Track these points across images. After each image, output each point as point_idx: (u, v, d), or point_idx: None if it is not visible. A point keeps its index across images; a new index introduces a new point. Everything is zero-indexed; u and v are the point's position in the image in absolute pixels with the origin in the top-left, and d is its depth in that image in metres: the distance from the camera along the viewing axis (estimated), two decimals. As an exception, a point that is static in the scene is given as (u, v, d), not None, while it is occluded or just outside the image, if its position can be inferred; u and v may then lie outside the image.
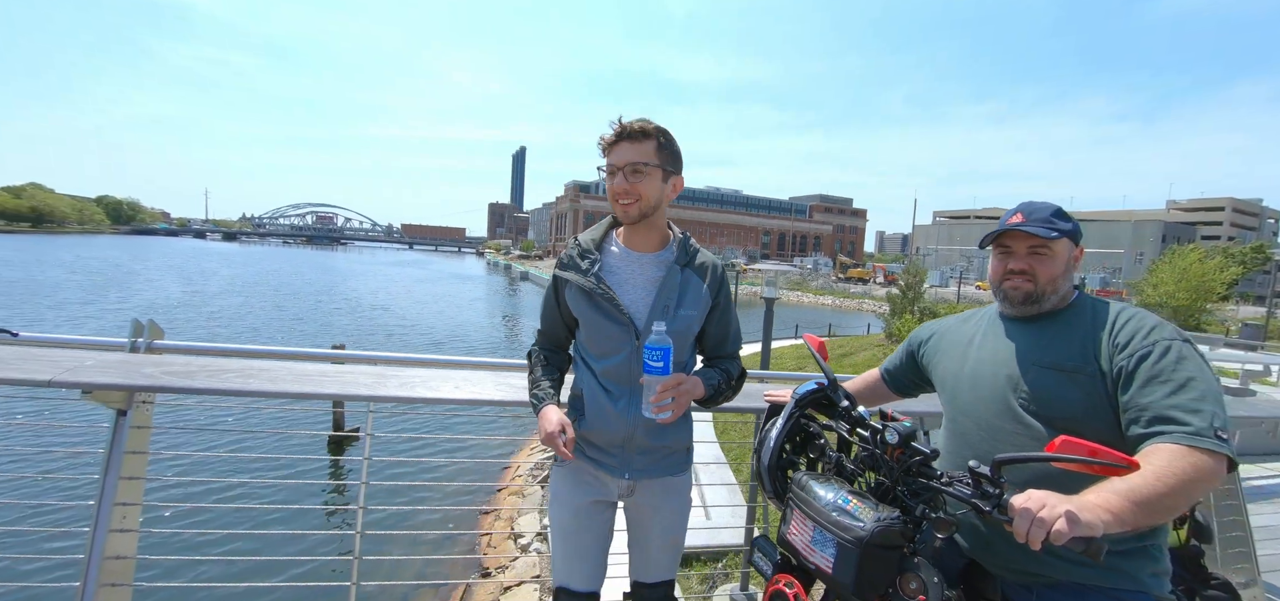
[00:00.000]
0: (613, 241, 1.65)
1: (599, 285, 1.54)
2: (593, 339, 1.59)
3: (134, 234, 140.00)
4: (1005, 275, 1.47)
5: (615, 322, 1.55)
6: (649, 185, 1.53)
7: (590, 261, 1.58)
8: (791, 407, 1.52)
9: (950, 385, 1.56)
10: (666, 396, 1.47)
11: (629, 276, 1.59)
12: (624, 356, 1.55)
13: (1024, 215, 1.45)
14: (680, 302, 1.58)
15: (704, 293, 1.62)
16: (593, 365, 1.60)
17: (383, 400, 1.80)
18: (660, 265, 1.61)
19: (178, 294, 31.42)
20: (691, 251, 1.65)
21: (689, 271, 1.62)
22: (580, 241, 1.62)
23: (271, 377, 1.78)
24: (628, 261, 1.61)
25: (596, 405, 1.58)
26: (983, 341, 1.53)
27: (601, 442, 1.60)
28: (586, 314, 1.57)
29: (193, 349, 2.05)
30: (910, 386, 1.80)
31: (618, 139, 1.52)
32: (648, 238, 1.62)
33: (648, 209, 1.55)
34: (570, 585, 1.63)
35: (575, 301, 1.58)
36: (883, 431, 1.27)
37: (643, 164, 1.51)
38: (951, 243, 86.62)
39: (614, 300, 1.54)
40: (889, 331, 19.55)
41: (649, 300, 1.57)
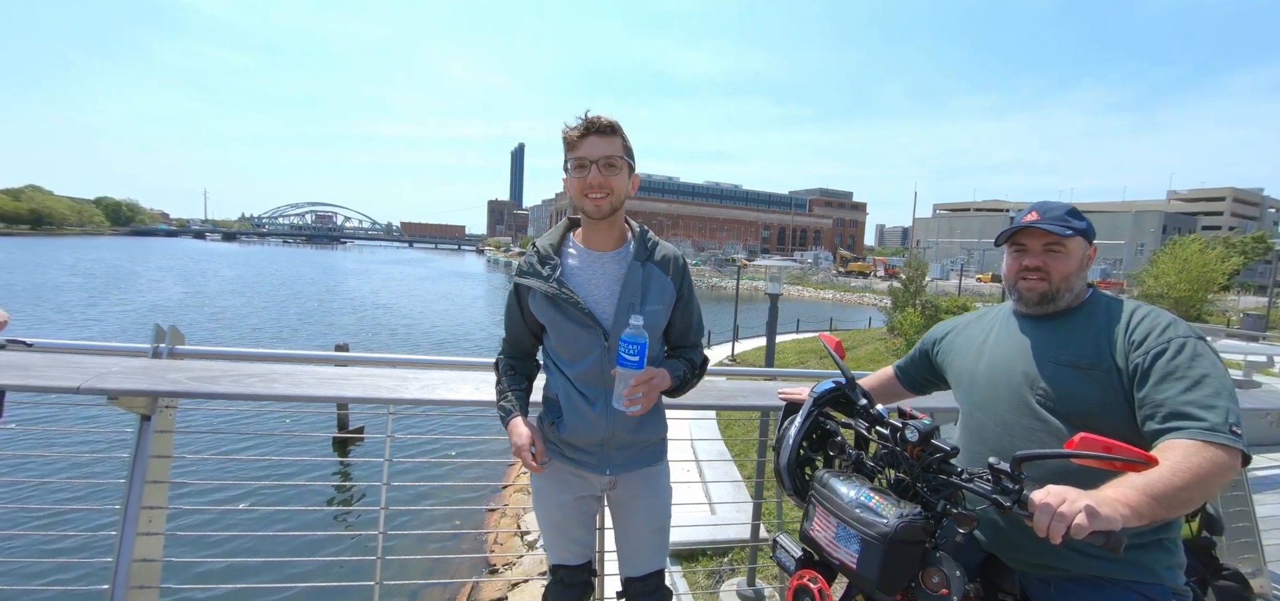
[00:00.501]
0: (570, 243, 1.64)
1: (562, 290, 1.53)
2: (561, 344, 1.58)
3: (133, 235, 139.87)
4: (1020, 273, 1.50)
5: (582, 326, 1.54)
6: (620, 180, 1.53)
7: (551, 267, 1.56)
8: (810, 406, 1.54)
9: (966, 382, 1.58)
10: (638, 390, 1.49)
11: (591, 277, 1.58)
12: (594, 358, 1.55)
13: (1039, 213, 1.47)
14: (645, 298, 1.58)
15: (668, 286, 1.62)
16: (565, 369, 1.60)
17: (405, 403, 1.83)
18: (621, 262, 1.60)
19: (179, 295, 31.47)
20: (650, 245, 1.64)
21: (650, 266, 1.61)
22: (537, 247, 1.61)
23: (294, 382, 1.80)
24: (588, 262, 1.60)
25: (573, 409, 1.58)
26: (998, 339, 1.55)
27: (580, 443, 1.61)
28: (553, 320, 1.56)
29: (215, 353, 2.08)
30: (924, 383, 1.83)
31: (587, 132, 1.50)
32: (608, 235, 1.60)
33: (618, 204, 1.55)
34: (565, 561, 1.70)
35: (540, 308, 1.57)
36: (903, 429, 1.30)
37: (615, 157, 1.51)
38: (952, 235, 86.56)
39: (578, 303, 1.53)
40: (891, 325, 19.59)
41: (614, 299, 1.57)
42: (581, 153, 1.50)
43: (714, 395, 2.08)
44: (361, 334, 22.32)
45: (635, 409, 1.50)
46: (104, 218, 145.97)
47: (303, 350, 18.72)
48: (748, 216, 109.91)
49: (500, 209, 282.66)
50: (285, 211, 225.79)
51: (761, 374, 2.60)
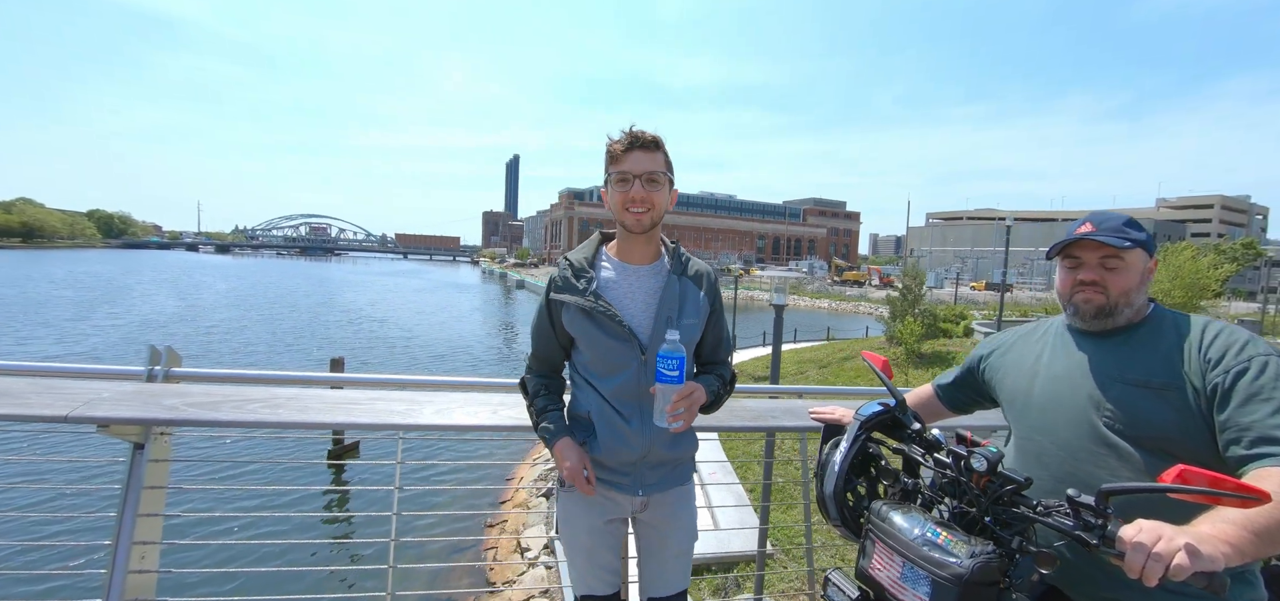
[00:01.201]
0: (603, 257, 1.62)
1: (599, 303, 1.51)
2: (597, 358, 1.55)
3: (125, 247, 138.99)
4: (1075, 287, 1.41)
5: (619, 340, 1.52)
6: (661, 195, 1.53)
7: (587, 280, 1.54)
8: (856, 430, 1.44)
9: (1020, 402, 1.48)
10: (680, 405, 1.45)
11: (627, 291, 1.56)
12: (631, 373, 1.52)
13: (1093, 224, 1.39)
14: (681, 312, 1.56)
15: (702, 301, 1.61)
16: (598, 385, 1.56)
17: (418, 429, 1.71)
18: (657, 276, 1.59)
19: (172, 309, 31.12)
20: (684, 260, 1.64)
21: (685, 280, 1.61)
22: (571, 260, 1.58)
23: (300, 407, 1.68)
24: (624, 276, 1.58)
25: (609, 428, 1.54)
26: (1053, 356, 1.46)
27: (615, 463, 1.57)
28: (588, 334, 1.53)
29: (214, 376, 1.95)
30: (968, 403, 1.73)
31: (631, 146, 1.50)
32: (645, 250, 1.59)
33: (658, 218, 1.55)
34: (594, 591, 1.64)
35: (574, 323, 1.54)
36: (968, 457, 1.20)
37: (659, 173, 1.51)
38: (945, 244, 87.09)
39: (616, 317, 1.50)
40: (890, 334, 19.53)
41: (650, 313, 1.55)
42: (625, 167, 1.50)
43: (746, 416, 1.97)
44: (358, 348, 22.07)
45: (678, 425, 1.45)
46: (96, 230, 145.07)
47: (300, 369, 18.51)
48: (743, 226, 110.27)
49: (495, 220, 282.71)
50: (279, 223, 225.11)
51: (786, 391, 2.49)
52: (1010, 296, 46.41)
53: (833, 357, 21.23)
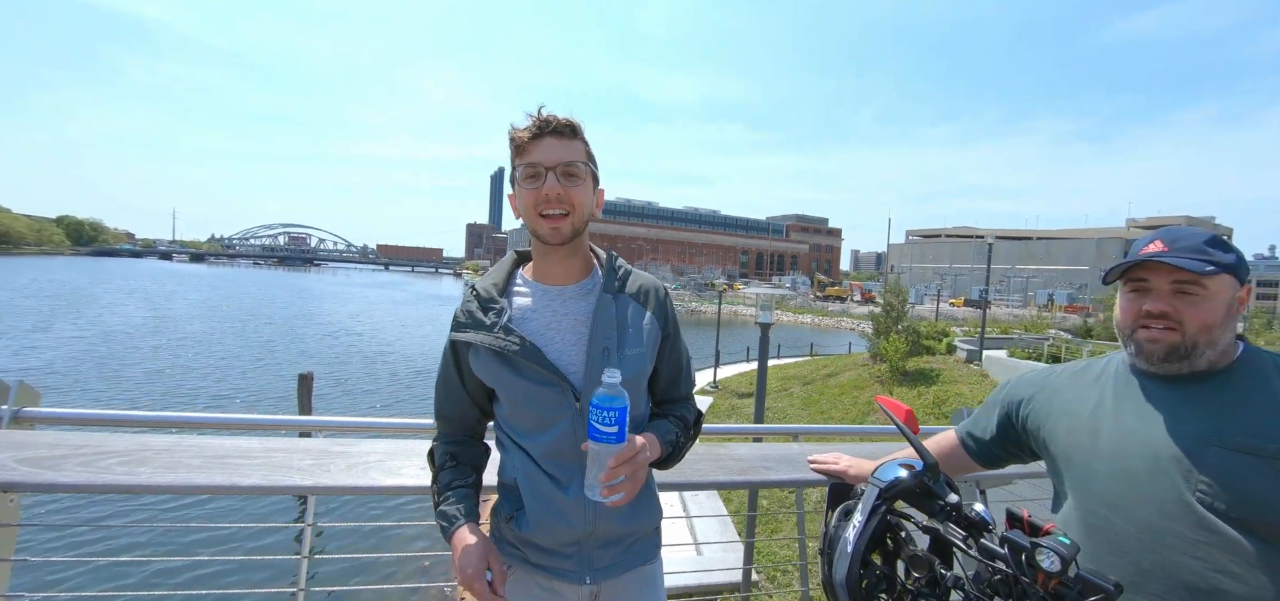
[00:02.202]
0: (518, 280, 1.28)
1: (512, 339, 1.16)
2: (518, 412, 1.21)
3: (95, 255, 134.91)
4: (1140, 319, 1.12)
5: (544, 385, 1.17)
6: (583, 193, 1.19)
7: (495, 312, 1.19)
8: (874, 500, 1.14)
9: (1079, 464, 1.18)
10: (621, 472, 1.09)
11: (551, 319, 1.22)
12: (565, 425, 1.18)
13: (1165, 243, 1.11)
14: (622, 341, 1.22)
15: (649, 323, 1.26)
16: (524, 444, 1.22)
17: (323, 491, 1.36)
18: (587, 298, 1.24)
19: (139, 319, 29.98)
20: (622, 273, 1.29)
21: (624, 299, 1.26)
22: (476, 289, 1.24)
23: (171, 462, 1.33)
24: (546, 301, 1.23)
25: (541, 499, 1.19)
26: (1118, 405, 1.16)
27: (552, 543, 1.22)
28: (504, 381, 1.19)
29: (71, 418, 1.58)
30: (1002, 456, 1.43)
31: (541, 133, 1.17)
32: (569, 265, 1.24)
33: (581, 224, 1.21)
34: None
35: (486, 369, 1.20)
36: (1031, 551, 0.90)
37: (577, 164, 1.18)
38: (924, 260, 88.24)
39: (537, 355, 1.16)
40: (874, 352, 19.45)
41: (582, 345, 1.20)
42: (534, 157, 1.16)
43: (729, 468, 1.65)
44: (333, 363, 21.36)
45: (617, 497, 1.10)
46: (65, 237, 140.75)
47: (271, 384, 17.79)
48: (726, 241, 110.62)
49: (479, 232, 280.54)
50: (257, 232, 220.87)
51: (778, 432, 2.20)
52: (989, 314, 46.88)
53: (817, 374, 21.09)
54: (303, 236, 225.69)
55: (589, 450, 1.10)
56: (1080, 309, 48.91)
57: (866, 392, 17.15)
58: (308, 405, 10.80)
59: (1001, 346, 19.60)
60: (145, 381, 16.61)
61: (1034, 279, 72.70)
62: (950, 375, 17.45)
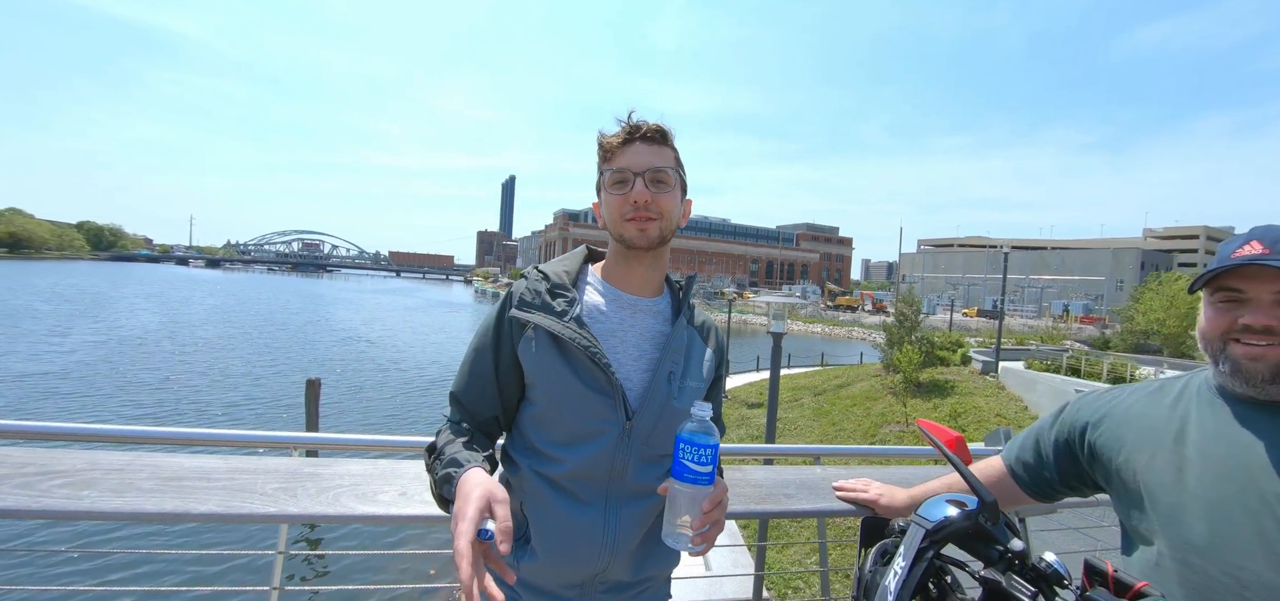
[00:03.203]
0: (589, 277, 1.19)
1: (583, 334, 1.06)
2: (560, 416, 1.08)
3: (114, 260, 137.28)
4: (1233, 333, 0.96)
5: (599, 393, 1.07)
6: (671, 201, 1.12)
7: (567, 300, 1.10)
8: (920, 542, 0.98)
9: (1166, 504, 1.00)
10: (715, 515, 1.00)
11: (617, 327, 1.13)
12: (607, 443, 1.07)
13: (1264, 244, 0.94)
14: (686, 371, 1.15)
15: (708, 359, 1.21)
16: (549, 459, 1.09)
17: (291, 519, 1.22)
18: (659, 317, 1.17)
19: (155, 323, 30.30)
20: (692, 303, 1.24)
21: (691, 329, 1.20)
22: (546, 272, 1.14)
23: (119, 485, 1.19)
24: (617, 307, 1.14)
25: (556, 523, 1.07)
26: (1206, 434, 0.99)
27: (554, 582, 1.10)
28: (556, 376, 1.07)
29: (13, 431, 1.45)
30: (1059, 489, 1.25)
31: (631, 138, 1.11)
32: (649, 277, 1.16)
33: (669, 232, 1.14)
34: None
35: (539, 358, 1.07)
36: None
37: (666, 171, 1.11)
38: (936, 270, 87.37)
39: (600, 357, 1.06)
40: (887, 362, 19.13)
41: (643, 364, 1.12)
42: (623, 162, 1.10)
43: (747, 496, 1.49)
44: (344, 368, 21.40)
45: (701, 548, 0.99)
46: (85, 242, 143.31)
47: (276, 389, 17.82)
48: (736, 250, 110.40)
49: (490, 240, 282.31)
50: (271, 238, 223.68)
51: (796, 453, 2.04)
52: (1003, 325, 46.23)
53: (828, 384, 20.80)
54: (316, 243, 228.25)
55: (671, 490, 0.98)
56: (1096, 319, 48.09)
57: (879, 404, 16.84)
58: (314, 411, 10.72)
59: (1018, 358, 19.19)
60: (157, 387, 16.69)
61: (1049, 289, 71.63)
62: (966, 387, 17.10)
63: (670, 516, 0.99)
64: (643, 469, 1.09)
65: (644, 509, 1.10)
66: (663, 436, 1.09)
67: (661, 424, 1.09)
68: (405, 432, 14.96)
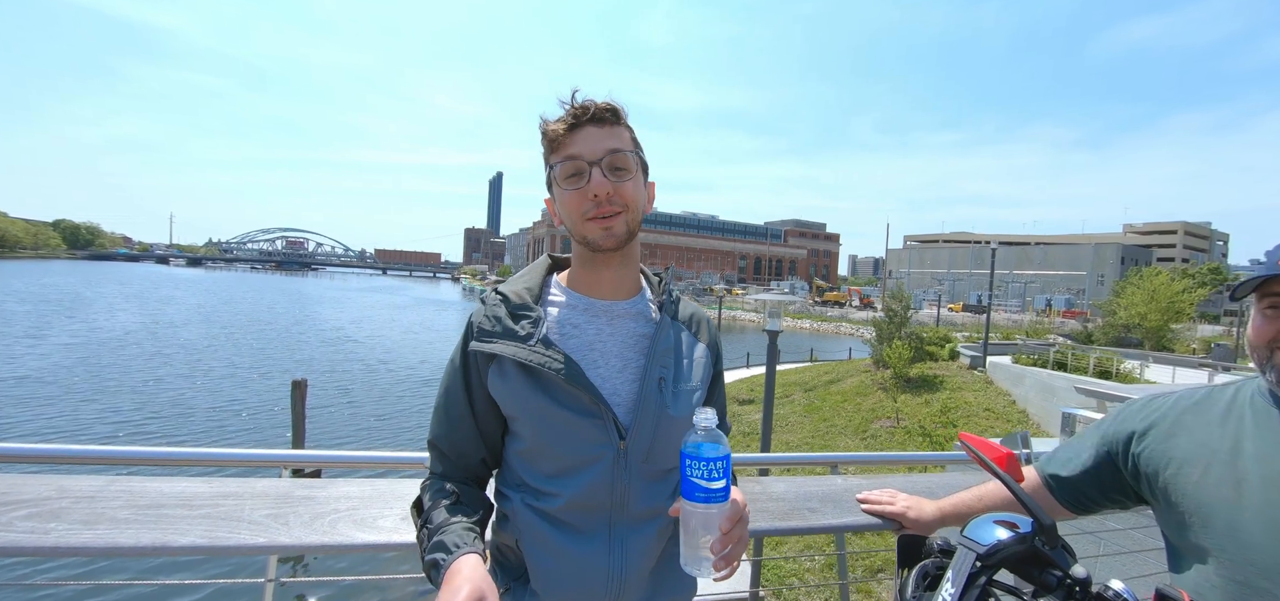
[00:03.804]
0: (554, 289, 1.07)
1: (552, 355, 0.95)
2: (544, 447, 0.98)
3: (92, 259, 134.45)
4: None
5: (584, 415, 0.96)
6: (634, 188, 1.00)
7: (530, 321, 0.98)
8: (973, 567, 0.90)
9: (1223, 522, 0.95)
10: (738, 534, 0.88)
11: (594, 338, 1.01)
12: (603, 468, 0.96)
13: None
14: (677, 374, 1.03)
15: (702, 356, 1.09)
16: (542, 494, 0.98)
17: (281, 550, 1.11)
18: (639, 318, 1.05)
19: (134, 323, 29.66)
20: (675, 296, 1.12)
21: (677, 326, 1.08)
22: (505, 294, 1.01)
23: (90, 515, 1.06)
24: (589, 316, 1.03)
25: (556, 562, 0.96)
26: (1263, 448, 0.94)
27: None
28: (533, 407, 0.96)
29: None
30: (1099, 502, 1.20)
31: (579, 122, 0.97)
32: (621, 277, 1.05)
33: (635, 224, 1.02)
34: None
35: (510, 391, 0.97)
36: None
37: (624, 154, 0.97)
38: (922, 266, 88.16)
39: (581, 376, 0.95)
40: (877, 358, 19.23)
41: (630, 373, 1.01)
42: (574, 150, 0.96)
43: (770, 512, 1.40)
44: (332, 370, 21.05)
45: (724, 572, 0.88)
46: (61, 241, 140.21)
47: (260, 393, 17.49)
48: (725, 246, 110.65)
49: (477, 237, 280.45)
50: (254, 236, 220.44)
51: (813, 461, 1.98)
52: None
53: (819, 380, 20.85)
54: (300, 241, 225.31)
55: (683, 512, 0.88)
56: (1079, 313, 48.85)
57: (870, 399, 16.92)
58: (301, 414, 10.49)
59: (1006, 352, 19.38)
60: (137, 392, 16.30)
61: (1032, 284, 72.58)
62: (955, 382, 17.23)
63: (686, 540, 0.89)
64: (647, 491, 0.99)
65: (652, 534, 1.00)
66: (663, 451, 0.99)
67: (659, 438, 0.99)
68: (402, 444, 14.72)
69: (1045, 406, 14.23)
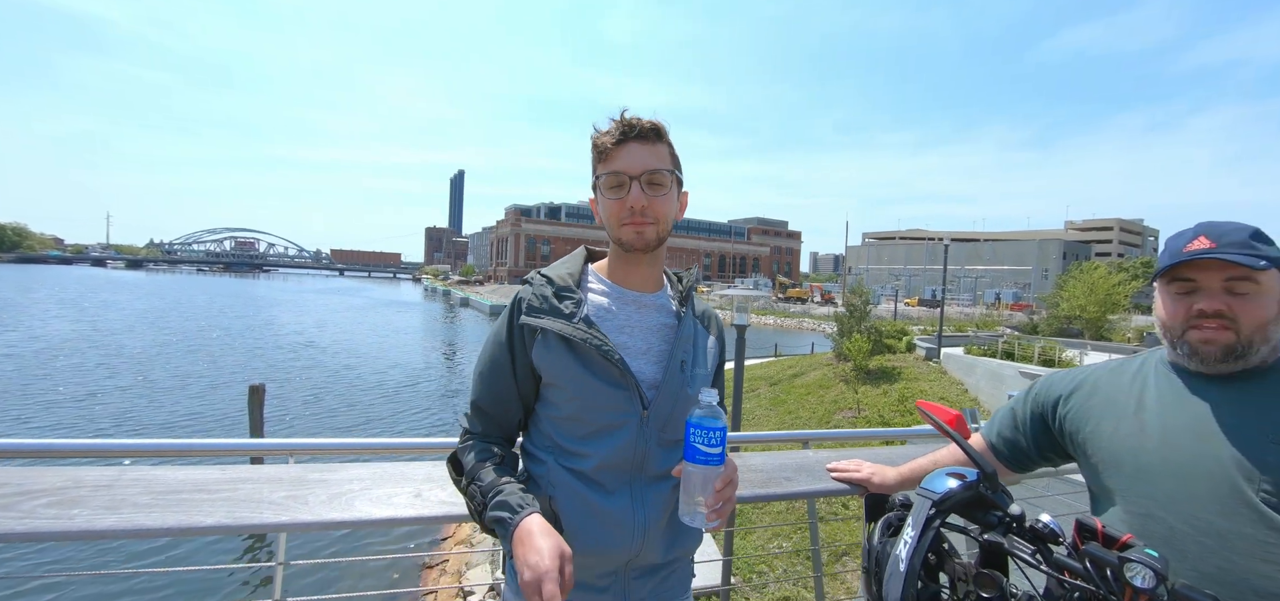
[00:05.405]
0: (592, 277, 1.24)
1: (594, 334, 1.11)
2: (580, 413, 1.13)
3: (19, 262, 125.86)
4: (1192, 319, 1.09)
5: (615, 387, 1.12)
6: (667, 203, 1.17)
7: (573, 302, 1.14)
8: (928, 513, 1.05)
9: (1129, 466, 1.13)
10: (729, 493, 1.09)
11: (624, 323, 1.18)
12: (629, 434, 1.13)
13: (1211, 239, 1.08)
14: (695, 359, 1.22)
15: (711, 347, 1.28)
16: (573, 455, 1.14)
17: (299, 528, 1.17)
18: (663, 310, 1.23)
19: (67, 331, 27.97)
20: (691, 293, 1.30)
21: (692, 319, 1.26)
22: (550, 276, 1.18)
23: (110, 502, 1.12)
24: (621, 305, 1.20)
25: (587, 515, 1.11)
26: (1163, 404, 1.13)
27: (590, 574, 1.14)
28: (572, 375, 1.12)
29: None
30: (1035, 459, 1.38)
31: (624, 138, 1.13)
32: (649, 274, 1.22)
33: (665, 233, 1.18)
34: None
35: (553, 360, 1.12)
36: (1117, 565, 0.83)
37: (662, 172, 1.14)
38: (880, 262, 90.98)
39: (613, 354, 1.11)
40: (839, 352, 19.82)
41: (652, 356, 1.18)
42: (618, 165, 1.12)
43: (750, 480, 1.55)
44: (293, 374, 20.37)
45: (715, 523, 1.07)
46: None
47: (212, 404, 16.81)
48: (689, 244, 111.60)
49: (439, 236, 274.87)
50: (200, 237, 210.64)
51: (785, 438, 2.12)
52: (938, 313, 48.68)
53: (783, 374, 21.35)
54: (250, 241, 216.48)
55: (684, 472, 1.07)
56: (1025, 306, 51.36)
57: (832, 391, 17.44)
58: (259, 421, 10.17)
59: (958, 344, 20.28)
60: (82, 405, 15.43)
61: (982, 279, 75.86)
62: (911, 373, 17.93)
63: (686, 496, 1.07)
64: (663, 454, 1.15)
65: (667, 491, 1.16)
66: (678, 422, 1.14)
67: (677, 410, 1.15)
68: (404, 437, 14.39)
69: (994, 393, 15.01)
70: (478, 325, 42.43)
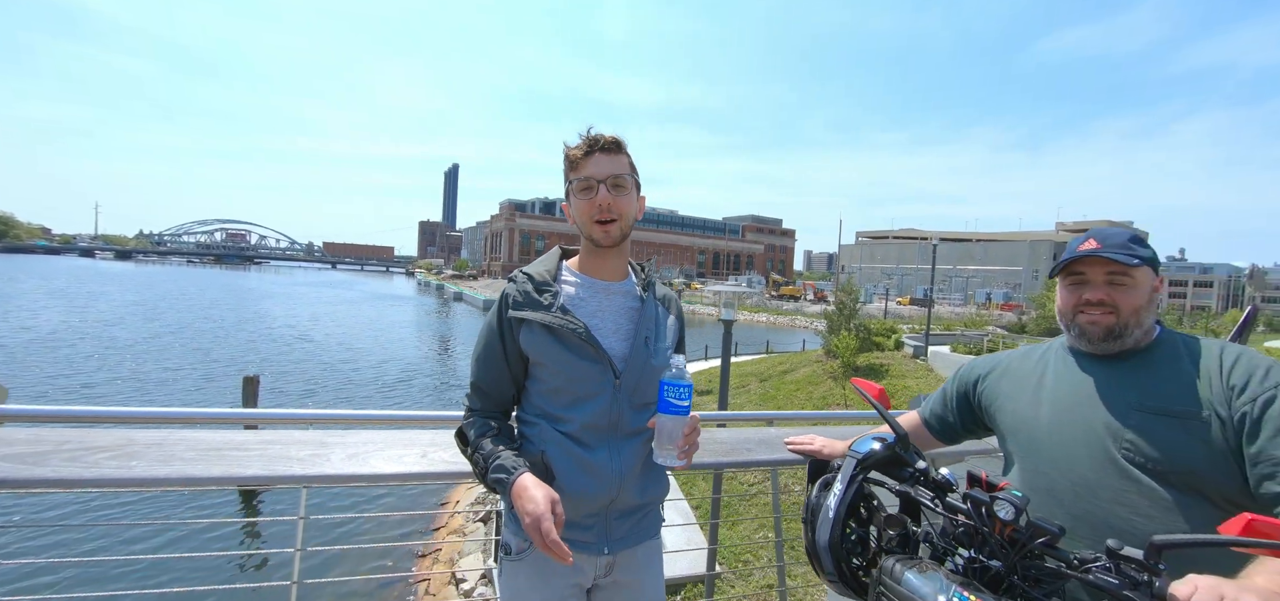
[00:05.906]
0: (566, 272, 1.47)
1: (568, 319, 1.34)
2: (563, 385, 1.37)
3: (6, 252, 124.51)
4: (1079, 306, 1.31)
5: (591, 362, 1.35)
6: (629, 202, 1.41)
7: (550, 295, 1.38)
8: (852, 470, 1.26)
9: (1025, 433, 1.35)
10: (695, 437, 1.34)
11: (596, 308, 1.42)
12: (604, 400, 1.36)
13: (1098, 241, 1.30)
14: (657, 335, 1.45)
15: (671, 325, 1.51)
16: (560, 419, 1.37)
17: (324, 481, 1.37)
18: (629, 295, 1.47)
19: (55, 322, 27.86)
20: (652, 279, 1.54)
21: (654, 301, 1.50)
22: (530, 274, 1.41)
23: (164, 455, 1.31)
24: (591, 293, 1.43)
25: (573, 465, 1.33)
26: (1058, 380, 1.34)
27: (578, 512, 1.36)
28: (553, 355, 1.35)
29: (44, 415, 1.51)
30: (960, 431, 1.59)
31: (591, 150, 1.38)
32: (615, 265, 1.46)
33: (628, 229, 1.43)
34: None
35: (537, 344, 1.35)
36: (989, 503, 1.03)
37: (623, 177, 1.39)
38: (872, 261, 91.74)
39: (587, 335, 1.34)
40: (828, 348, 20.11)
41: (622, 334, 1.42)
42: (587, 173, 1.37)
43: (715, 450, 1.75)
44: (286, 366, 20.44)
45: (683, 462, 1.33)
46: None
47: (203, 392, 16.90)
48: (684, 241, 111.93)
49: (432, 230, 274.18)
50: (191, 228, 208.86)
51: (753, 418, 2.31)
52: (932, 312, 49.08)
53: (773, 371, 21.65)
54: (242, 233, 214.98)
55: (659, 422, 1.30)
56: (1015, 307, 51.98)
57: (820, 388, 17.73)
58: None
59: (945, 342, 20.64)
60: (75, 395, 15.47)
61: (973, 279, 76.68)
62: (899, 370, 18.25)
63: (660, 441, 1.31)
64: (634, 415, 1.38)
65: (639, 445, 1.39)
66: (645, 388, 1.39)
67: (644, 379, 1.39)
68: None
69: (979, 391, 15.31)
70: (471, 319, 42.52)
